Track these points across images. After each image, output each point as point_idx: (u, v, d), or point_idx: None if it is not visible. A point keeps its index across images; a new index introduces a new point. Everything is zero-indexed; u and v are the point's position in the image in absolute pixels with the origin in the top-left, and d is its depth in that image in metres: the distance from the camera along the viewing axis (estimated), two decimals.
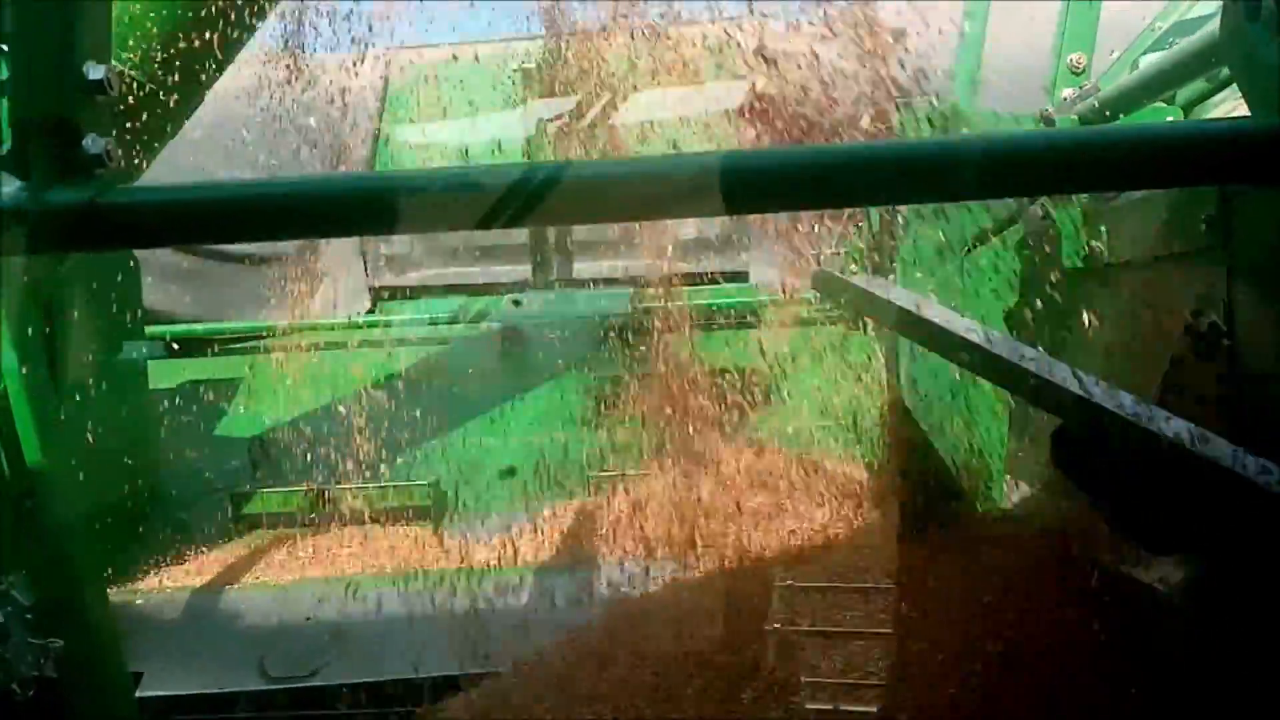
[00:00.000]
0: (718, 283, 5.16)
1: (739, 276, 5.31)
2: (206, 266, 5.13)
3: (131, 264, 3.94)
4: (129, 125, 2.77)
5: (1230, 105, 2.88)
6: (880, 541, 3.43)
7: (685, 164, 1.45)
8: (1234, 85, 2.84)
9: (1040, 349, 2.41)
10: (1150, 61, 2.92)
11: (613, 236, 5.39)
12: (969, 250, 3.19)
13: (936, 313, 2.64)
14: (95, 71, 1.45)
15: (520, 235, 5.35)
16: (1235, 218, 2.25)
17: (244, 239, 2.11)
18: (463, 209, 1.40)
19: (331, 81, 4.84)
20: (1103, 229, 2.88)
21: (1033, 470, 3.39)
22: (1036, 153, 1.45)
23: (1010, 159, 1.43)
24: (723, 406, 4.54)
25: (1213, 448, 1.83)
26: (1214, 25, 2.18)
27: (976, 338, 2.48)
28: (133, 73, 2.83)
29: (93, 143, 1.46)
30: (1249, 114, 1.75)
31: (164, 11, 3.00)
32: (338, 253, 5.31)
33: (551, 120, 5.46)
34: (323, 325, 5.01)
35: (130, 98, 2.77)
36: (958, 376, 3.23)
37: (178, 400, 4.47)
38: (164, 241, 1.78)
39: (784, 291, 4.85)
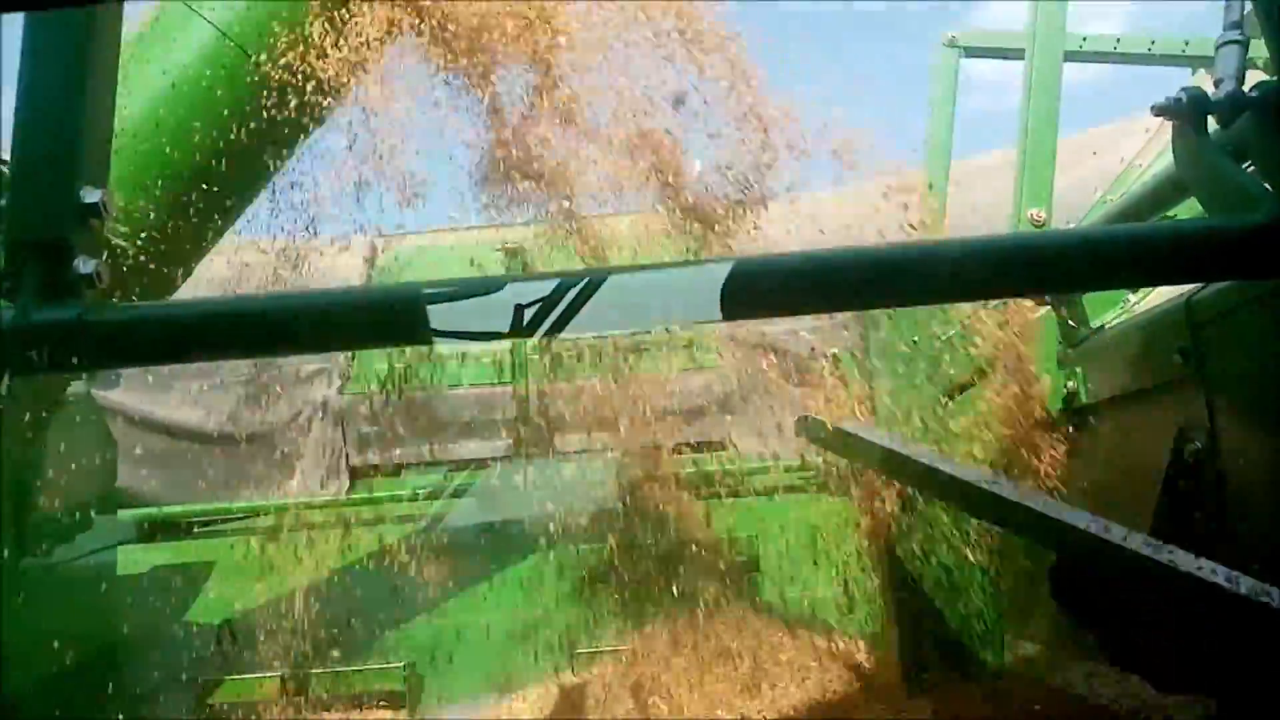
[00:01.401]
0: (700, 451, 5.15)
1: (720, 445, 5.30)
2: (180, 447, 5.07)
3: (108, 441, 3.90)
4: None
5: None
6: (877, 708, 3.30)
7: (680, 271, 1.48)
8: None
9: (1028, 489, 2.40)
10: (1108, 209, 3.07)
11: (593, 409, 5.41)
12: (949, 399, 3.23)
13: (922, 452, 2.64)
14: (91, 195, 1.49)
15: (502, 409, 5.35)
16: (1207, 346, 2.30)
17: (233, 356, 2.10)
18: (461, 319, 1.41)
19: (311, 265, 4.91)
20: (1079, 370, 2.93)
21: (1031, 625, 3.30)
22: (1009, 254, 1.49)
23: (985, 260, 1.47)
24: (710, 577, 4.45)
25: (1209, 572, 1.80)
26: (1165, 164, 2.31)
27: (964, 475, 2.47)
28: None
29: (83, 264, 1.47)
30: None
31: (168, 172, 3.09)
32: (316, 430, 5.28)
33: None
34: (298, 505, 4.92)
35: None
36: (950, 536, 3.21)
37: (145, 586, 4.33)
38: (151, 359, 1.77)
39: (769, 458, 4.85)
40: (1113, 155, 4.30)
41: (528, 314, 1.44)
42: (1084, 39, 3.90)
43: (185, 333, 1.46)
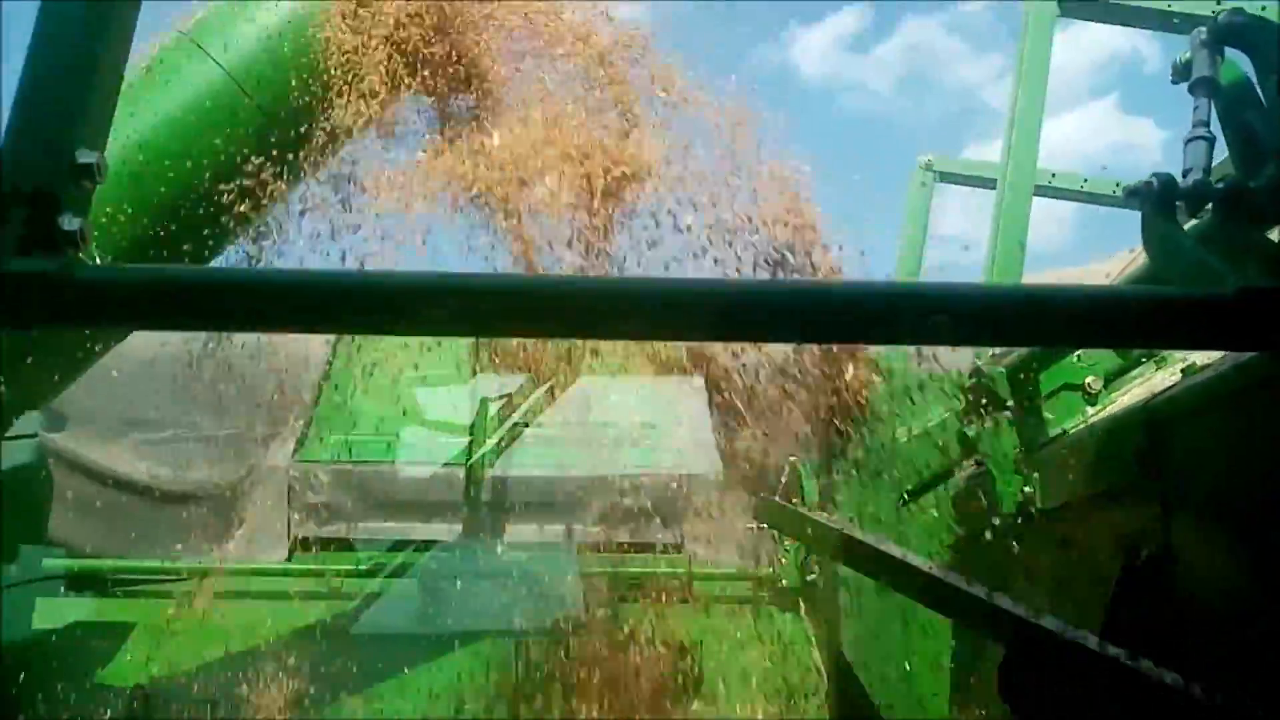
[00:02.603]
0: (653, 551, 5.07)
1: (675, 547, 5.22)
2: (121, 499, 4.91)
3: (44, 474, 3.77)
4: None
5: (1150, 376, 3.08)
6: None
7: (667, 288, 1.50)
8: (1150, 358, 3.09)
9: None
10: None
11: (549, 497, 5.33)
12: (907, 501, 3.23)
13: (878, 539, 2.63)
14: (86, 156, 1.49)
15: (455, 490, 5.26)
16: (1162, 451, 2.34)
17: (214, 327, 2.06)
18: (446, 312, 1.41)
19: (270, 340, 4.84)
20: (1036, 475, 2.96)
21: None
22: (976, 303, 1.53)
23: (950, 305, 1.50)
24: (652, 680, 4.32)
25: (1161, 675, 1.79)
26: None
27: (918, 564, 2.46)
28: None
29: (69, 220, 1.46)
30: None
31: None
32: (262, 495, 5.14)
33: (494, 400, 5.53)
34: (233, 570, 4.74)
35: None
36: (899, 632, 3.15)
37: (60, 642, 4.12)
38: (130, 320, 1.73)
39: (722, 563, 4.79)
40: None
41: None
42: (1053, 175, 4.10)
43: (166, 296, 1.44)
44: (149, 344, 3.86)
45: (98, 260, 2.79)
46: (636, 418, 5.16)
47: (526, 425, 5.32)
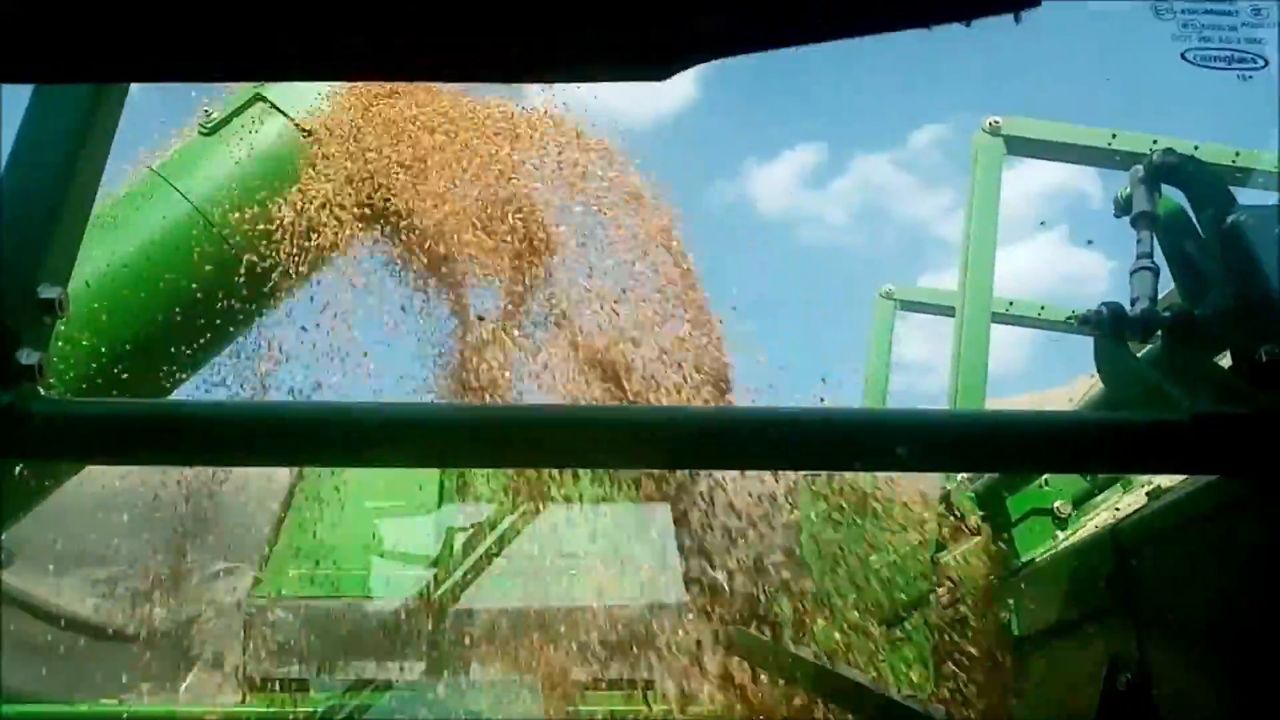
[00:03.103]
0: (623, 689, 4.90)
1: (648, 685, 5.06)
2: (69, 639, 4.71)
3: None
4: None
5: (1118, 499, 3.09)
6: None
7: (627, 416, 1.50)
8: (1117, 481, 3.11)
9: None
10: None
11: (515, 632, 5.18)
12: (888, 625, 3.18)
13: (855, 673, 2.57)
14: (49, 292, 1.49)
15: (418, 626, 5.10)
16: (1133, 575, 2.33)
17: (173, 461, 2.00)
18: (403, 443, 1.40)
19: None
20: (1011, 602, 2.92)
21: None
22: (933, 429, 1.55)
23: (907, 433, 1.51)
24: None
25: None
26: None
27: (897, 699, 2.40)
28: None
29: (26, 355, 1.45)
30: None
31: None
32: (216, 633, 4.96)
33: (461, 529, 5.44)
34: (184, 715, 4.53)
35: None
36: None
37: None
38: (86, 455, 1.69)
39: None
40: None
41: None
42: (1010, 303, 4.21)
43: (123, 430, 1.42)
44: (101, 476, 3.78)
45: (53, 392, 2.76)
46: (604, 547, 5.07)
47: (493, 557, 5.20)
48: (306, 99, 3.40)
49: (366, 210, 3.40)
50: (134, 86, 1.82)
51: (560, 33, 1.04)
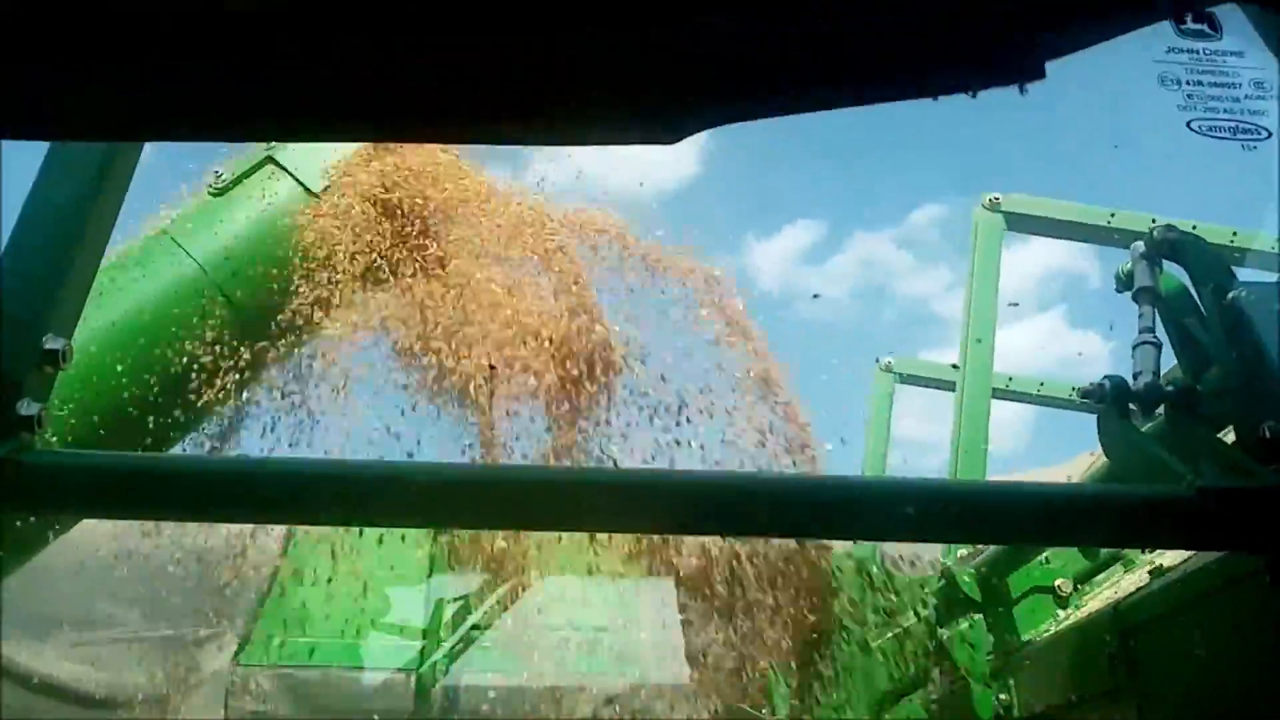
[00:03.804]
0: None
1: None
2: (50, 707, 4.58)
3: None
4: None
5: (1119, 578, 3.06)
6: None
7: (630, 480, 1.49)
8: (1118, 560, 3.08)
9: None
10: None
11: (505, 710, 5.05)
12: (882, 710, 3.12)
13: None
14: (53, 342, 1.49)
15: (404, 699, 4.97)
16: (1136, 653, 2.29)
17: (169, 516, 1.97)
18: (407, 502, 1.38)
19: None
20: (1011, 682, 2.87)
21: None
22: (929, 499, 1.53)
23: (906, 501, 1.50)
24: None
25: None
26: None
27: None
28: None
29: (27, 405, 1.44)
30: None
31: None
32: (199, 701, 4.82)
33: (451, 601, 5.34)
34: None
35: None
36: None
37: None
38: (82, 508, 1.67)
39: None
40: None
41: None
42: (1009, 379, 4.22)
43: (119, 483, 1.41)
44: (84, 535, 3.72)
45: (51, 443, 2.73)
46: (601, 621, 4.98)
47: (483, 629, 5.09)
48: (316, 163, 3.44)
49: (377, 276, 3.42)
50: (148, 146, 1.85)
51: (575, 98, 1.06)
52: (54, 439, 2.69)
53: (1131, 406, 1.83)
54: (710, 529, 1.75)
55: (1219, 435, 1.78)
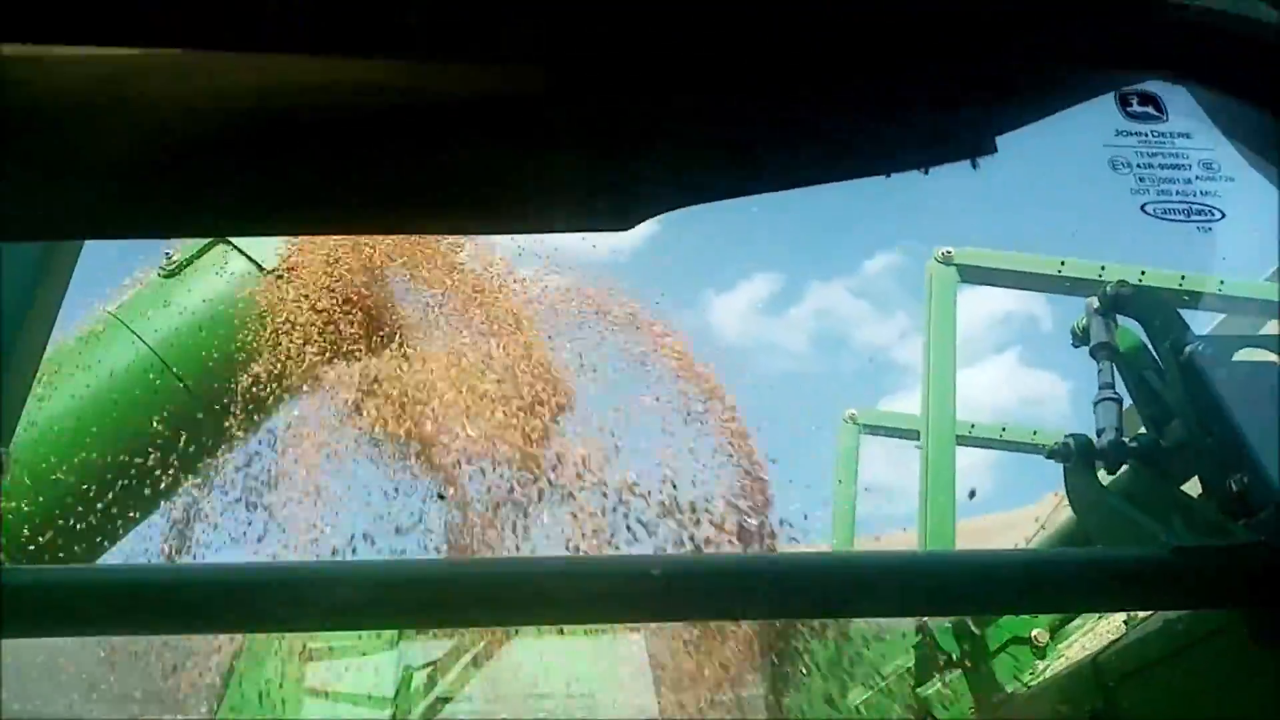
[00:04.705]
0: None
1: None
2: None
3: None
4: None
5: (1094, 624, 3.05)
6: None
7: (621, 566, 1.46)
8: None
9: None
10: None
11: None
12: None
13: None
14: None
15: None
16: (1118, 707, 2.27)
17: (151, 630, 1.87)
18: (372, 604, 1.33)
19: None
20: None
21: None
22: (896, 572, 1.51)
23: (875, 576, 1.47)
24: None
25: None
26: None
27: None
28: None
29: None
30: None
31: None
32: None
33: (419, 668, 5.21)
34: None
35: None
36: None
37: None
38: (60, 629, 1.58)
39: None
40: (1003, 540, 4.51)
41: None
42: (972, 426, 4.24)
43: (81, 600, 1.33)
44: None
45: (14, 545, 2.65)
46: (573, 684, 4.86)
47: (448, 700, 4.96)
48: (269, 240, 3.40)
49: (333, 351, 3.37)
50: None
51: (533, 193, 1.05)
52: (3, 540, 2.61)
53: (1097, 463, 1.83)
54: (676, 615, 1.71)
55: (1184, 490, 1.78)
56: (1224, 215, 1.07)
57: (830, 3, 0.99)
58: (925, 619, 3.14)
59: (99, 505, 3.10)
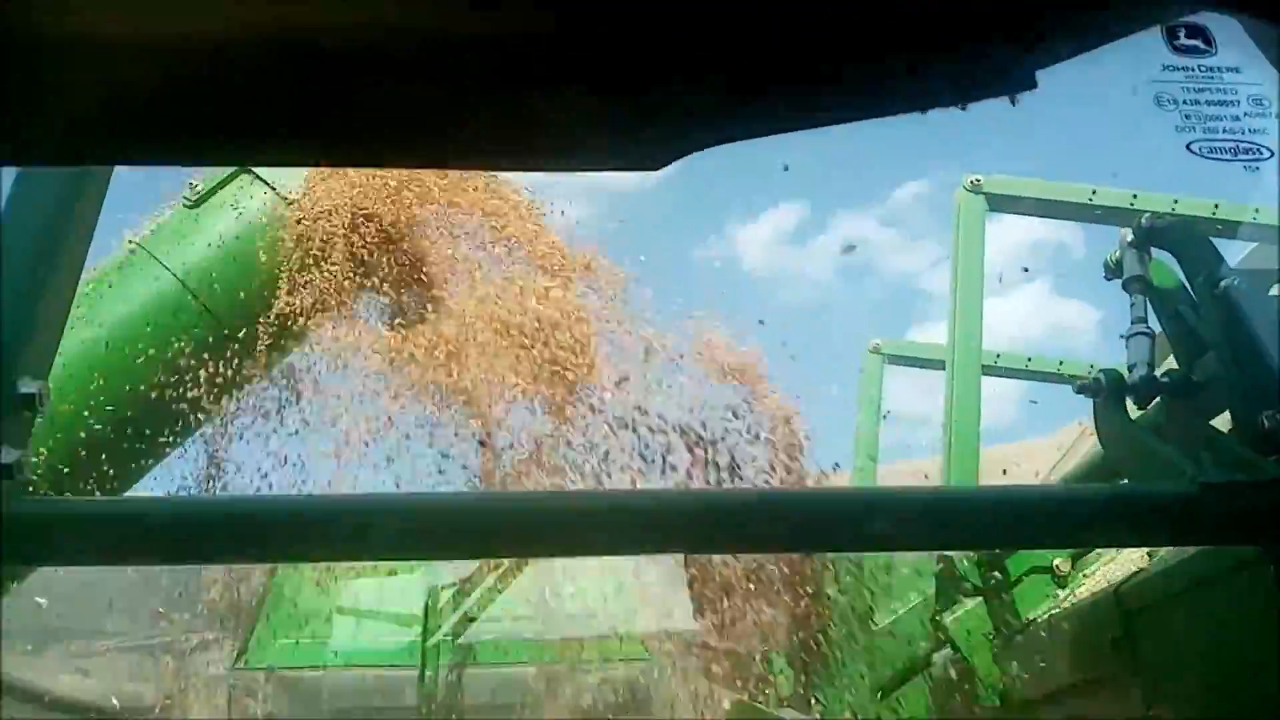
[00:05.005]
0: None
1: None
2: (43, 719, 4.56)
3: None
4: None
5: (1115, 554, 3.05)
6: None
7: (620, 502, 1.47)
8: None
9: None
10: None
11: (509, 697, 5.04)
12: (885, 694, 3.13)
13: None
14: (28, 386, 1.45)
15: (409, 694, 4.96)
16: (1139, 636, 2.30)
17: (160, 561, 1.94)
18: (398, 537, 1.36)
19: None
20: (1014, 664, 2.87)
21: None
22: (925, 508, 1.52)
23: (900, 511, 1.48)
24: None
25: None
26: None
27: None
28: None
29: (6, 453, 1.41)
30: None
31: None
32: (200, 708, 4.81)
33: (446, 586, 5.31)
34: None
35: None
36: None
37: None
38: (68, 557, 1.63)
39: None
40: (1026, 468, 4.51)
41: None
42: (998, 355, 4.21)
43: (106, 531, 1.37)
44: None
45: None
46: (602, 603, 4.92)
47: (474, 619, 5.07)
48: (293, 170, 3.38)
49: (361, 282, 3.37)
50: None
51: (560, 128, 1.04)
52: (38, 470, 2.65)
53: (1128, 398, 1.82)
54: (700, 547, 1.73)
55: (1214, 425, 1.77)
56: (1273, 154, 1.03)
57: None
58: None
59: (129, 435, 3.14)
